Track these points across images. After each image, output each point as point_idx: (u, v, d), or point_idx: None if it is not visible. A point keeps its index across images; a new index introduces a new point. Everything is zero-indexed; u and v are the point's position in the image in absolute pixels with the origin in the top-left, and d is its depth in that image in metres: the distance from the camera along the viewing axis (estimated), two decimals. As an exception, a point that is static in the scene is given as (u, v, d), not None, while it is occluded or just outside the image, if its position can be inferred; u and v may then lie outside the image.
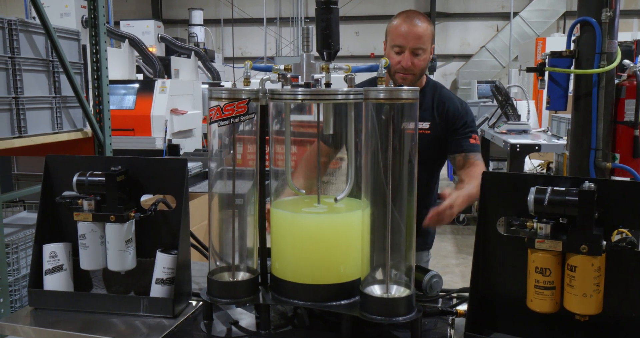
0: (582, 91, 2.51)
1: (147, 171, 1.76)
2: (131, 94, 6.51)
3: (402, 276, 1.49)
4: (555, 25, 14.92)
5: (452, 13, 15.86)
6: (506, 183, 1.48)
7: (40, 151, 3.00)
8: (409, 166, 1.45)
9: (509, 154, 4.72)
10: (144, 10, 16.73)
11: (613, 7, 2.36)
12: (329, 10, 1.55)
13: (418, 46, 2.10)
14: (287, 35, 16.47)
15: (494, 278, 1.49)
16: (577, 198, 1.31)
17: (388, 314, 1.43)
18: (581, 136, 2.52)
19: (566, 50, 2.49)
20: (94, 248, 1.71)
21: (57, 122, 2.91)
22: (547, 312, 1.38)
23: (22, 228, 2.87)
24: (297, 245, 1.55)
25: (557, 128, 5.19)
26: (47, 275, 1.75)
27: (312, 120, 1.93)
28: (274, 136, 1.61)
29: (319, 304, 1.52)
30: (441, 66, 15.69)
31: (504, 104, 5.69)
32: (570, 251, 1.33)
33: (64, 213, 1.79)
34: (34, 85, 2.76)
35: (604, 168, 2.47)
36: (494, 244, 1.48)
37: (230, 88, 1.51)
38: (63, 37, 2.96)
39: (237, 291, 1.58)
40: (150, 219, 1.74)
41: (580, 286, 1.33)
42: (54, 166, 1.81)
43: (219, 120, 1.48)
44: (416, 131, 1.44)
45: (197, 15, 13.54)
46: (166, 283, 1.71)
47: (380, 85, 1.44)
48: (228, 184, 1.60)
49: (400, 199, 1.45)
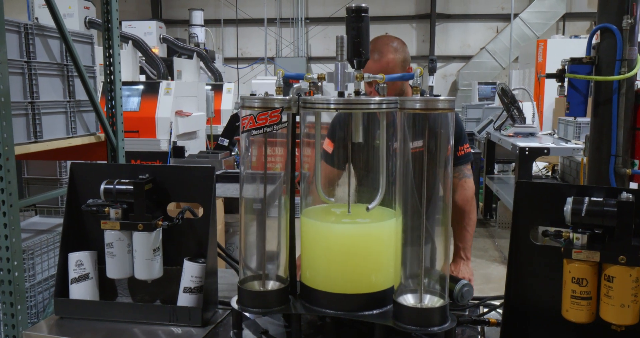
0: (602, 97, 2.51)
1: (174, 179, 1.76)
2: (136, 96, 6.50)
3: (436, 285, 1.49)
4: (555, 27, 14.94)
5: (452, 14, 15.87)
6: (540, 193, 1.47)
7: (54, 156, 2.99)
8: (444, 174, 1.45)
9: (517, 157, 4.72)
10: (144, 10, 16.69)
11: (634, 14, 2.37)
12: (360, 18, 1.54)
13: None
14: (287, 36, 16.46)
15: (528, 288, 1.49)
16: (616, 209, 1.31)
17: (423, 324, 1.43)
18: (600, 143, 2.52)
19: (586, 56, 2.49)
20: (121, 256, 1.70)
21: (71, 126, 2.90)
22: (583, 322, 1.38)
23: (36, 233, 2.86)
24: (328, 255, 1.54)
25: (565, 131, 5.19)
26: (73, 284, 1.74)
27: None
28: (303, 140, 1.61)
29: (351, 314, 1.51)
30: (441, 67, 15.70)
31: (509, 107, 5.69)
32: (609, 262, 1.33)
33: (90, 220, 1.79)
34: (49, 89, 2.75)
35: (624, 175, 2.47)
36: (527, 253, 1.48)
37: (263, 97, 1.50)
38: (77, 41, 2.94)
39: (268, 300, 1.57)
40: (177, 227, 1.73)
41: (618, 296, 1.33)
42: (79, 173, 1.81)
43: (252, 129, 1.48)
44: (451, 140, 1.44)
45: (197, 15, 13.52)
46: (194, 291, 1.70)
47: (415, 95, 1.43)
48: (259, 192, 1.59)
49: (434, 208, 1.45)
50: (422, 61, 14.96)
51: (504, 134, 5.60)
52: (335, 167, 1.88)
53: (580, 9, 14.78)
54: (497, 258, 5.73)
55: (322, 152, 1.89)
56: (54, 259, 2.77)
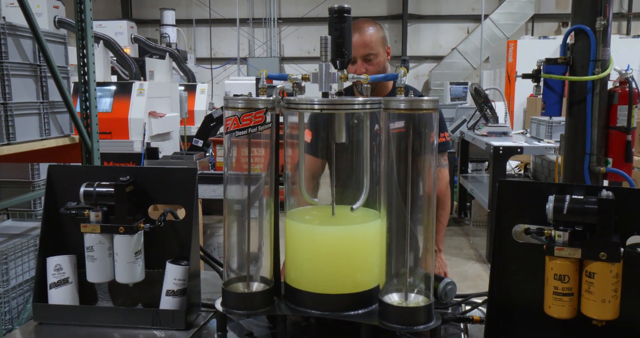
0: (576, 97, 2.57)
1: (155, 181, 1.73)
2: (108, 97, 6.40)
3: (421, 284, 1.50)
4: (524, 28, 15.21)
5: (424, 15, 16.02)
6: (521, 192, 1.50)
7: (27, 158, 2.92)
8: (427, 174, 1.46)
9: (491, 157, 4.78)
10: (114, 10, 16.45)
11: (607, 16, 2.42)
12: (342, 19, 1.55)
13: (368, 52, 2.20)
14: (260, 36, 16.40)
15: (511, 285, 1.51)
16: (597, 206, 1.34)
17: (408, 323, 1.44)
18: (575, 141, 2.58)
19: (561, 57, 2.54)
20: (102, 260, 1.67)
21: (45, 128, 2.84)
22: (565, 317, 1.40)
23: (9, 237, 2.79)
24: (313, 257, 1.53)
25: (537, 130, 5.28)
26: (52, 289, 1.71)
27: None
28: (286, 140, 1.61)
29: (336, 314, 1.51)
30: (413, 67, 15.84)
31: (483, 107, 5.77)
32: (590, 259, 1.35)
33: (69, 224, 1.75)
34: (22, 90, 2.69)
35: (598, 173, 2.53)
36: (510, 251, 1.50)
37: (247, 98, 1.49)
38: (50, 41, 2.88)
39: (252, 302, 1.56)
40: (159, 230, 1.71)
41: (599, 292, 1.35)
42: (57, 176, 1.77)
43: (236, 130, 1.47)
44: (436, 141, 1.45)
45: (169, 15, 13.38)
46: (177, 294, 1.68)
47: (400, 95, 1.44)
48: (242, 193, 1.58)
49: (418, 208, 1.46)
50: (394, 61, 15.06)
51: (478, 133, 5.67)
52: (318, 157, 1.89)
53: (549, 10, 15.08)
54: (472, 256, 5.81)
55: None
56: (29, 263, 2.71)
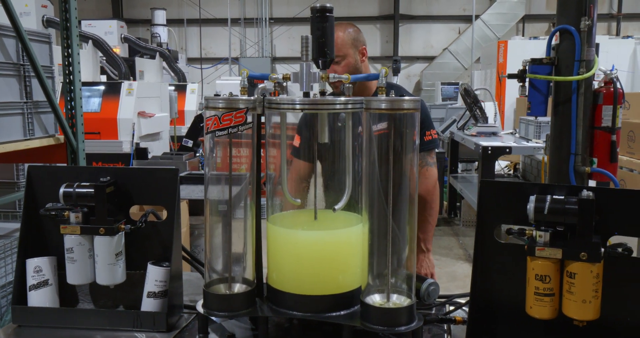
0: (561, 97, 2.57)
1: (136, 181, 1.72)
2: (96, 97, 6.36)
3: (403, 284, 1.49)
4: (515, 29, 15.26)
5: (415, 15, 16.04)
6: (504, 192, 1.49)
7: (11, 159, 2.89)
8: (409, 175, 1.45)
9: (480, 157, 4.79)
10: (104, 9, 16.35)
11: (592, 16, 2.43)
12: (324, 18, 1.54)
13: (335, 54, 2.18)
14: (251, 36, 16.36)
15: (493, 286, 1.51)
16: (577, 206, 1.33)
17: (390, 324, 1.43)
18: (560, 141, 2.58)
19: (546, 57, 2.55)
20: (82, 261, 1.65)
21: (28, 128, 2.81)
22: (547, 318, 1.40)
23: (-9, 238, 2.76)
24: (296, 261, 1.52)
25: (526, 130, 5.30)
26: (31, 291, 1.69)
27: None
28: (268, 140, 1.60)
29: (318, 315, 1.50)
30: (405, 67, 15.85)
31: (472, 107, 5.78)
32: (570, 259, 1.35)
33: (48, 225, 1.73)
34: (4, 90, 2.66)
35: (583, 173, 2.53)
36: (492, 252, 1.50)
37: (228, 97, 1.48)
38: (34, 40, 2.86)
39: (234, 303, 1.55)
40: (140, 231, 1.69)
41: (579, 292, 1.35)
42: (37, 176, 1.75)
43: (216, 130, 1.45)
44: (417, 141, 1.45)
45: (160, 15, 13.35)
46: (158, 296, 1.66)
47: (381, 95, 1.43)
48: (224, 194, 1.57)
49: (400, 209, 1.45)
50: (386, 62, 15.08)
51: (467, 133, 5.68)
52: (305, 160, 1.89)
53: (539, 11, 15.14)
54: (462, 256, 5.81)
55: (292, 147, 1.87)
56: (12, 265, 2.68)
